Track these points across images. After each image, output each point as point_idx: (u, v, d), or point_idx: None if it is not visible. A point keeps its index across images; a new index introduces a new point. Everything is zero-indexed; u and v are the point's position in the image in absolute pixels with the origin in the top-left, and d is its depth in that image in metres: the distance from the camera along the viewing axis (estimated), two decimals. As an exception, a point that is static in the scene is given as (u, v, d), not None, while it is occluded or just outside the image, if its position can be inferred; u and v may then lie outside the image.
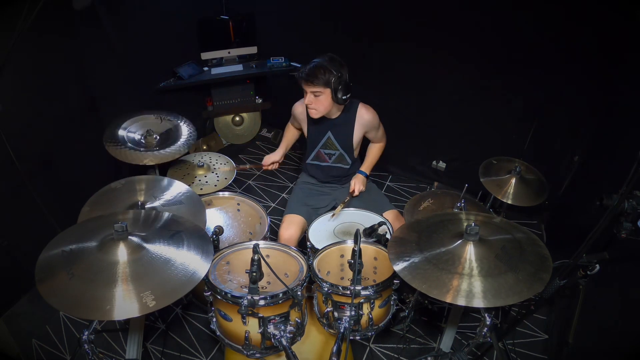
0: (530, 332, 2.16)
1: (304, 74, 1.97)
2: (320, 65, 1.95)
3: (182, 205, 1.76)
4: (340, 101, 2.00)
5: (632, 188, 1.29)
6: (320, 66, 1.94)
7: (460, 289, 1.21)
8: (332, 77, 1.94)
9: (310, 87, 1.97)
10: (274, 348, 1.49)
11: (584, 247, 1.31)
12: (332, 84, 1.95)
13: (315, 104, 2.01)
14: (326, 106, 2.03)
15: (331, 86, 1.95)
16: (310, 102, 2.01)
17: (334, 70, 1.93)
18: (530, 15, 2.29)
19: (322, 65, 1.94)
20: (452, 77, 2.72)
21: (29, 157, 2.09)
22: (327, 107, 2.04)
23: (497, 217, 1.65)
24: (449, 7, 2.51)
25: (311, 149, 2.29)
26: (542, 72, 2.40)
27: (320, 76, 1.93)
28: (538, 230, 2.80)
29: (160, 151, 2.07)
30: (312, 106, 2.02)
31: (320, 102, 2.00)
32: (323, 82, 1.94)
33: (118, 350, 2.05)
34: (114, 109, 2.57)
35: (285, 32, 3.30)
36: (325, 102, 2.01)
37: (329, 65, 1.94)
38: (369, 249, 1.76)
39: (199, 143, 3.42)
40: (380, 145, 2.34)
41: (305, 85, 1.98)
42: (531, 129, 2.52)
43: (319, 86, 1.95)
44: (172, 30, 3.01)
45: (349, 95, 2.02)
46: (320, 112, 2.04)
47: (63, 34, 2.26)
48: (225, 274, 1.69)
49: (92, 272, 1.22)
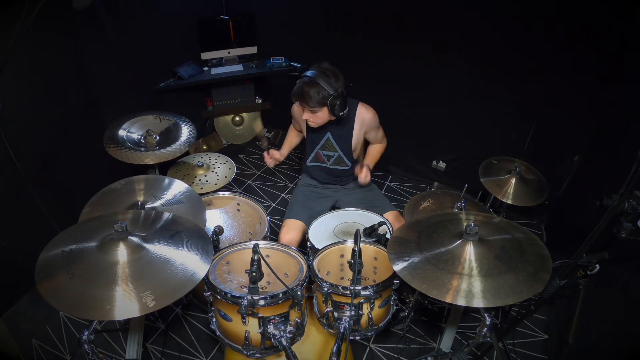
0: (530, 332, 2.16)
1: (297, 94, 1.92)
2: (311, 83, 1.87)
3: (182, 205, 1.76)
4: (338, 116, 1.96)
5: (632, 188, 1.29)
6: (312, 85, 1.87)
7: (460, 289, 1.21)
8: (326, 96, 1.88)
9: (306, 107, 1.95)
10: (273, 348, 1.49)
11: (584, 247, 1.30)
12: (328, 103, 1.90)
13: (314, 119, 2.00)
14: (324, 119, 2.01)
15: (327, 104, 1.91)
16: (308, 117, 1.99)
17: (327, 88, 1.87)
18: (530, 15, 2.29)
19: (314, 84, 1.87)
20: (452, 77, 2.72)
21: (29, 157, 2.09)
22: (326, 120, 2.02)
23: (497, 217, 1.65)
24: (450, 6, 2.51)
25: (310, 150, 2.29)
26: (542, 72, 2.41)
27: (315, 97, 1.88)
28: (538, 230, 2.80)
29: (160, 150, 2.07)
30: (310, 120, 2.01)
31: (319, 117, 1.99)
32: (318, 103, 1.90)
33: (118, 350, 2.05)
34: (114, 109, 2.57)
35: (285, 32, 3.30)
36: (323, 116, 1.99)
37: (323, 81, 1.87)
38: (369, 249, 1.76)
39: (199, 143, 3.42)
40: (380, 146, 2.33)
41: (302, 106, 1.96)
42: (531, 129, 2.52)
43: (314, 107, 1.92)
44: (172, 30, 3.01)
45: (347, 110, 1.98)
46: (319, 124, 2.04)
47: (63, 34, 2.27)
48: (225, 274, 1.69)
49: (92, 272, 1.22)
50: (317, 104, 1.90)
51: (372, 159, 2.31)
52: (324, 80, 1.88)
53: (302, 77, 1.94)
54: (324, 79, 1.88)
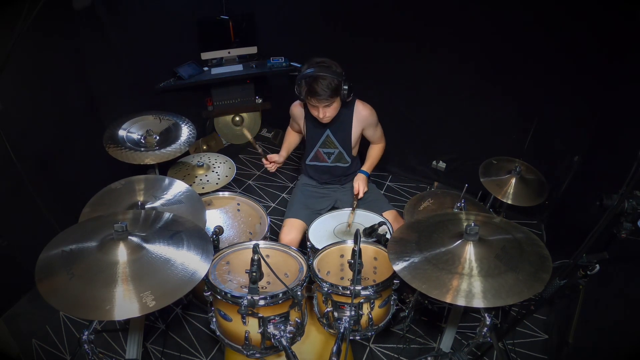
0: (530, 332, 2.16)
1: (311, 93, 1.91)
2: (320, 78, 1.89)
3: (182, 205, 1.76)
4: (347, 99, 1.99)
5: (632, 188, 1.29)
6: (321, 79, 1.88)
7: (460, 289, 1.21)
8: (338, 83, 1.91)
9: (323, 103, 1.95)
10: (274, 348, 1.49)
11: (584, 247, 1.30)
12: (340, 91, 1.93)
13: (329, 112, 2.00)
14: (337, 109, 2.03)
15: (340, 93, 1.94)
16: (324, 114, 1.99)
17: (334, 76, 1.90)
18: (530, 15, 2.29)
19: (322, 78, 1.88)
20: (452, 77, 2.72)
21: (29, 157, 2.09)
22: (337, 109, 2.04)
23: (497, 217, 1.65)
24: (449, 6, 2.51)
25: (310, 149, 2.29)
26: (543, 72, 2.41)
27: (329, 89, 1.89)
28: (538, 230, 2.80)
29: (160, 150, 2.07)
30: (327, 116, 2.01)
31: (332, 109, 2.00)
32: (332, 93, 1.92)
33: (118, 350, 2.05)
34: (114, 109, 2.57)
35: (285, 32, 3.30)
36: (336, 107, 2.01)
37: (327, 72, 1.89)
38: (369, 249, 1.76)
39: (199, 143, 3.42)
40: (380, 146, 2.33)
41: (318, 103, 1.95)
42: (531, 129, 2.52)
43: (329, 99, 1.93)
44: (172, 30, 3.01)
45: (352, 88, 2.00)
46: (332, 117, 2.04)
47: (63, 34, 2.27)
48: (225, 274, 1.69)
49: (92, 272, 1.22)
50: (332, 94, 1.92)
51: (371, 162, 2.31)
52: (327, 71, 1.90)
53: (303, 78, 1.93)
54: (327, 70, 1.91)
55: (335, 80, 1.90)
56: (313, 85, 1.90)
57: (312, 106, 2.00)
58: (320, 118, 2.01)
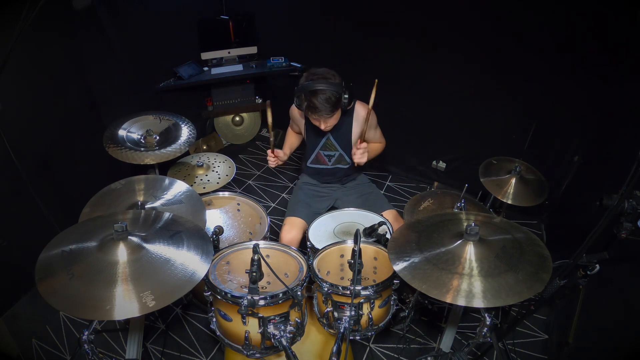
0: (530, 332, 2.16)
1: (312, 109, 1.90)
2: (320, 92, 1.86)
3: (182, 205, 1.76)
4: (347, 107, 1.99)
5: (632, 188, 1.29)
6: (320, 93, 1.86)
7: (460, 289, 1.21)
8: (337, 97, 1.90)
9: (322, 118, 1.95)
10: (274, 348, 1.49)
11: (584, 247, 1.31)
12: (340, 103, 1.93)
13: (330, 123, 2.00)
14: (338, 118, 2.02)
15: (340, 104, 1.93)
16: (325, 125, 1.99)
17: (335, 89, 1.88)
18: (531, 15, 2.29)
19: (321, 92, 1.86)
20: (452, 77, 2.72)
21: (29, 157, 2.09)
22: (339, 118, 2.03)
23: (497, 217, 1.65)
24: (450, 5, 2.51)
25: (310, 151, 2.29)
26: (543, 71, 2.41)
27: (329, 104, 1.88)
28: (538, 230, 2.80)
29: (160, 150, 2.07)
30: (327, 127, 2.01)
31: (334, 119, 2.00)
32: (333, 108, 1.91)
33: (118, 350, 2.05)
34: (114, 109, 2.57)
35: (285, 32, 3.30)
36: (337, 117, 2.01)
37: (326, 86, 1.86)
38: (369, 249, 1.76)
39: (199, 143, 3.42)
40: (379, 144, 2.33)
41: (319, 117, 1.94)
42: (531, 129, 2.52)
43: (331, 114, 1.93)
44: (172, 30, 3.01)
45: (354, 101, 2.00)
46: (333, 125, 2.04)
47: (63, 34, 2.27)
48: (225, 274, 1.69)
49: (92, 272, 1.22)
50: (333, 108, 1.91)
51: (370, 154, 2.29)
52: (326, 85, 1.87)
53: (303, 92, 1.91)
54: (326, 84, 1.87)
55: (336, 94, 1.88)
56: (313, 100, 1.88)
57: (313, 118, 2.00)
58: (322, 128, 2.01)
